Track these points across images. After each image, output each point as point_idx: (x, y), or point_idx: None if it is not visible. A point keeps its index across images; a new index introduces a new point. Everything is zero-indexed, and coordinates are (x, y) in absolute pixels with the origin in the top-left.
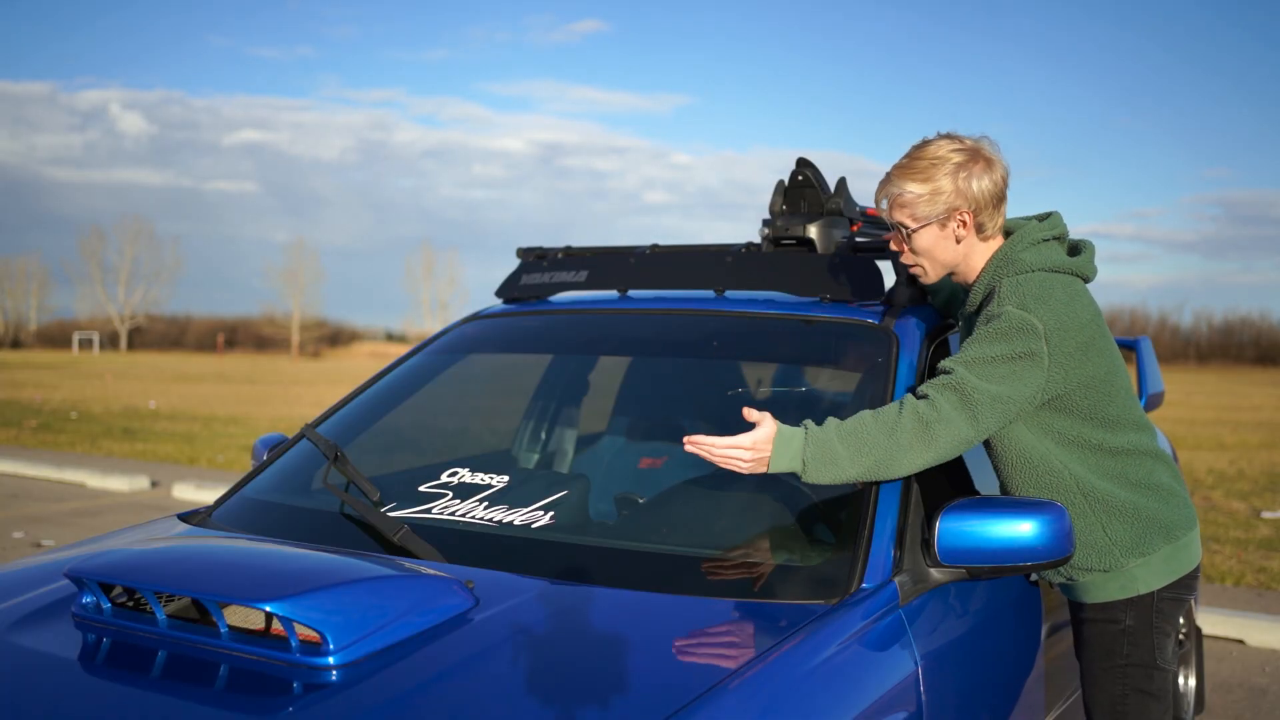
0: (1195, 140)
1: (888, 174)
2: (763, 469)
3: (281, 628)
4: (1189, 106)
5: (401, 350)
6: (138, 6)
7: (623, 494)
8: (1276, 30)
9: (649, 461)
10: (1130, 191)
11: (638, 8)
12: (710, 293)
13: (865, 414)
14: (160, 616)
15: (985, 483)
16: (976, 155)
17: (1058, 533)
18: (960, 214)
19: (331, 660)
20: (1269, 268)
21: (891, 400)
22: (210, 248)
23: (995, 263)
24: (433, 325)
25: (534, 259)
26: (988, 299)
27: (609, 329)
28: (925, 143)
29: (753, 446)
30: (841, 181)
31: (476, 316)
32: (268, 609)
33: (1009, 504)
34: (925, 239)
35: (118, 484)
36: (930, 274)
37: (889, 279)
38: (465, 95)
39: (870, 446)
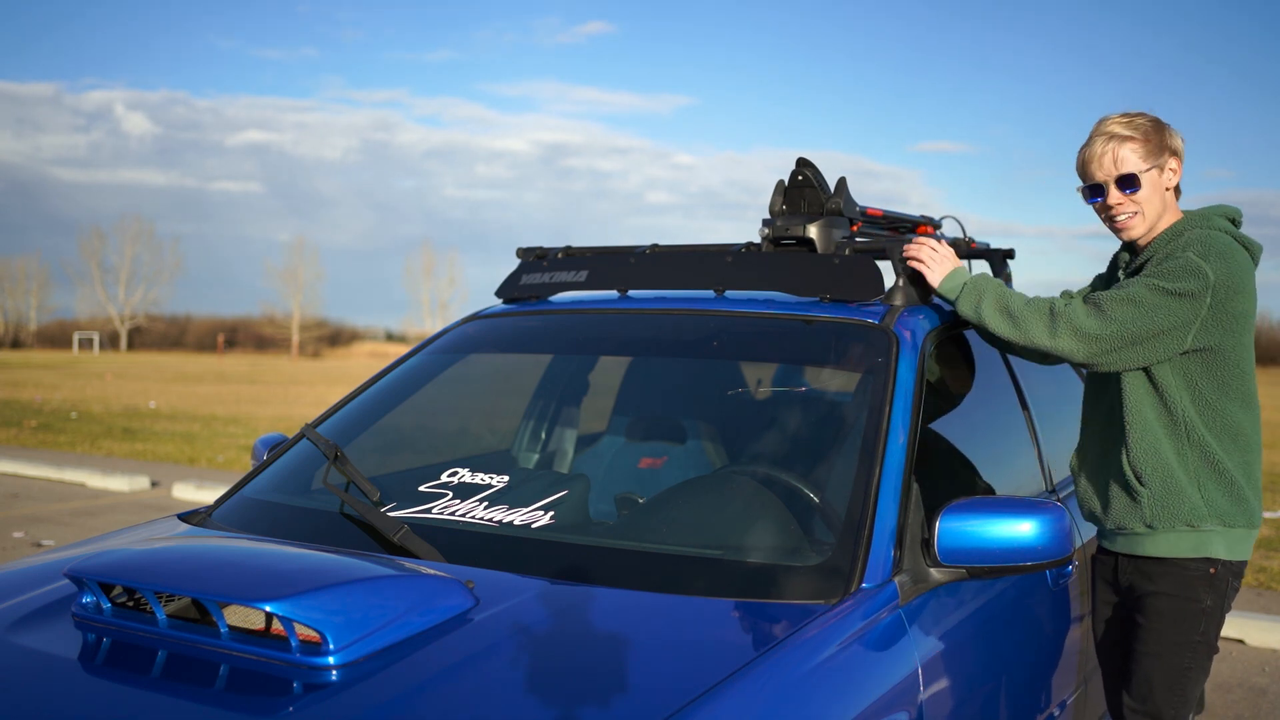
0: (1195, 141)
1: (1101, 135)
2: (936, 277)
3: (281, 628)
4: (1189, 108)
5: (401, 350)
6: (142, 8)
7: (623, 494)
8: (1277, 31)
9: (649, 461)
10: None
11: (644, 9)
12: (710, 293)
13: (1021, 295)
14: (160, 616)
15: (986, 483)
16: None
17: (1057, 533)
18: (1173, 162)
19: (331, 660)
20: (1269, 268)
21: (890, 401)
22: (213, 248)
23: (1192, 217)
24: (433, 325)
25: (534, 259)
26: (1168, 245)
27: (609, 329)
28: (1120, 115)
29: (945, 254)
30: (841, 181)
31: (476, 316)
32: (268, 609)
33: (1009, 504)
34: (1148, 185)
35: (118, 484)
36: (1144, 225)
37: (889, 279)
38: (468, 96)
39: (1010, 304)
